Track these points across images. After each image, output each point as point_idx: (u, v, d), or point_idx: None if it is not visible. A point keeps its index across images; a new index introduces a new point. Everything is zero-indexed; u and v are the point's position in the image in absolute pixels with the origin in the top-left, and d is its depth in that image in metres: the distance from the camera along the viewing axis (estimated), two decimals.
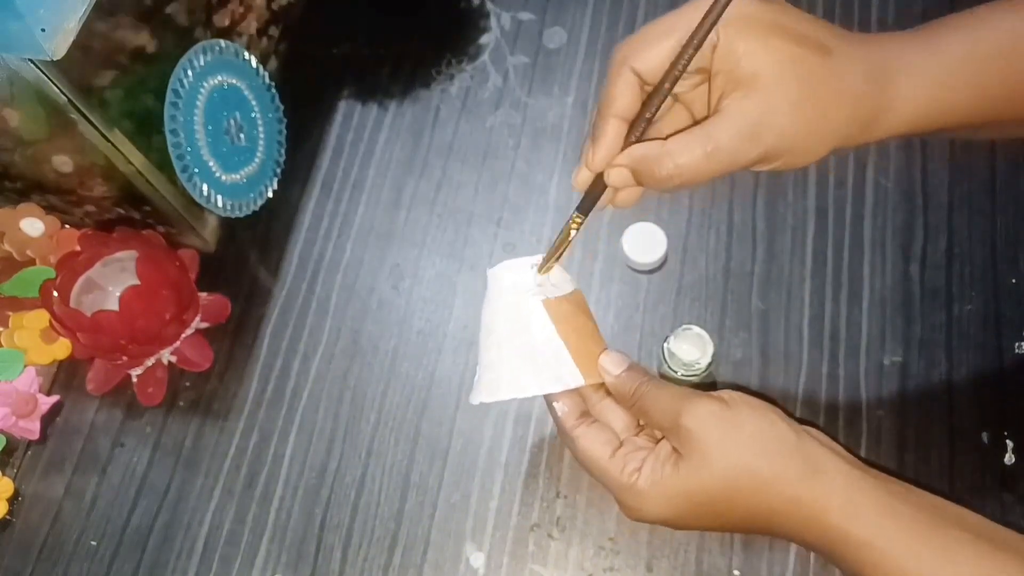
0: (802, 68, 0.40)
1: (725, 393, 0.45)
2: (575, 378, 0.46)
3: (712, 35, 0.40)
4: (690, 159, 0.41)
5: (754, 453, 0.42)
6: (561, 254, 0.47)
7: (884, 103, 0.42)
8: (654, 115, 0.42)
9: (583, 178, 0.45)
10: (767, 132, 0.40)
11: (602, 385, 0.48)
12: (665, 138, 0.42)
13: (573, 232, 0.46)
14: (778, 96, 0.40)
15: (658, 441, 0.46)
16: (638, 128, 0.43)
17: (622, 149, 0.43)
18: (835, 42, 0.42)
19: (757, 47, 0.40)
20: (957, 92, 0.42)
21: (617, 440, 0.47)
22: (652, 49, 0.41)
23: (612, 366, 0.47)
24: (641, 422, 0.48)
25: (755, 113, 0.40)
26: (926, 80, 0.42)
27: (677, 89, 0.42)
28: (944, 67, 0.42)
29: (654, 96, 0.42)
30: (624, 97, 0.42)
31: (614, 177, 0.43)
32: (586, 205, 0.45)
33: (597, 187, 0.44)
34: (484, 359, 0.48)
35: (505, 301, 0.48)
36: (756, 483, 0.42)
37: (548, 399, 0.49)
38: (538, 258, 0.48)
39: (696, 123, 0.43)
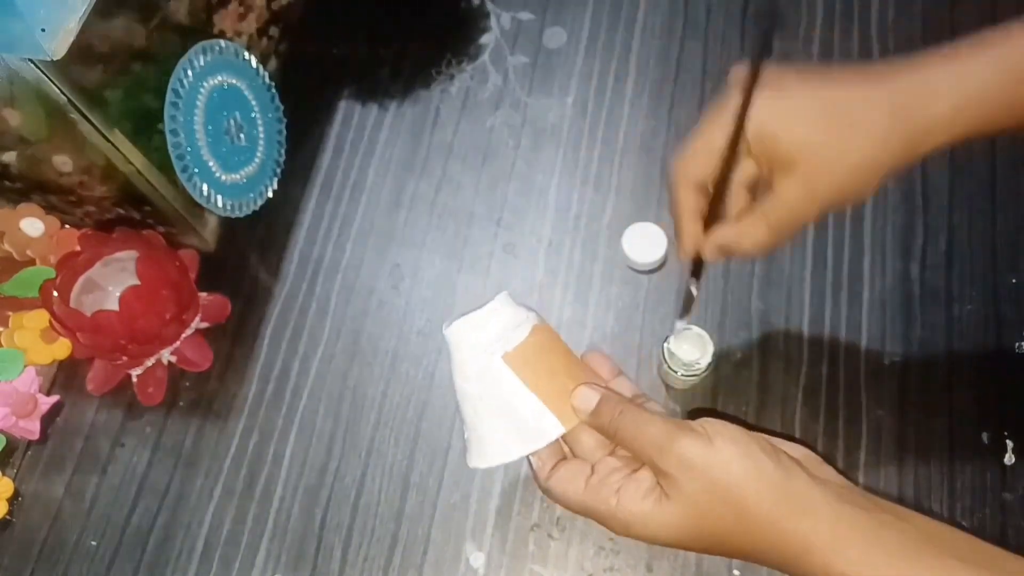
0: (826, 122, 0.46)
1: (708, 426, 0.43)
2: (556, 427, 0.45)
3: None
4: (759, 238, 0.48)
5: (735, 493, 0.42)
6: (693, 307, 0.53)
7: (923, 124, 0.45)
8: (720, 206, 0.49)
9: (685, 255, 0.52)
10: (816, 194, 0.46)
11: None
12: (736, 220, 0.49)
13: (694, 291, 0.53)
14: (815, 160, 0.46)
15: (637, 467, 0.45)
16: (714, 220, 0.49)
17: (705, 231, 0.50)
18: (851, 86, 0.47)
19: (787, 125, 0.46)
20: (981, 108, 0.46)
21: (587, 467, 0.46)
22: (700, 157, 0.48)
23: (583, 404, 0.46)
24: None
25: (801, 185, 0.46)
26: (951, 102, 0.45)
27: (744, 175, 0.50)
28: (965, 89, 0.45)
29: (715, 201, 0.49)
30: (689, 200, 0.50)
31: (710, 255, 0.50)
32: (696, 271, 0.52)
33: (697, 261, 0.52)
34: (467, 421, 0.47)
35: (469, 364, 0.47)
36: (737, 523, 0.42)
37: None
38: (496, 304, 0.47)
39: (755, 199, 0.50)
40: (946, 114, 0.45)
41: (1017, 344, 0.61)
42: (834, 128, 0.46)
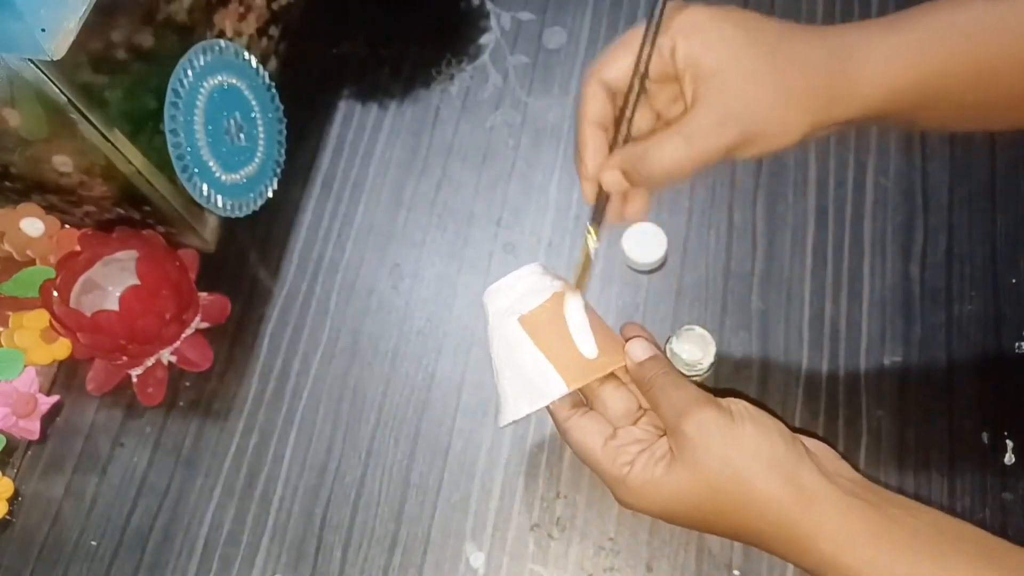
0: (759, 50, 0.43)
1: (734, 404, 0.45)
2: (559, 387, 0.47)
3: (669, 40, 0.43)
4: (671, 150, 0.43)
5: (746, 472, 0.42)
6: (587, 268, 0.49)
7: (849, 78, 0.43)
8: (631, 116, 0.45)
9: (588, 189, 0.47)
10: (737, 113, 0.43)
11: (605, 377, 0.48)
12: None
13: (592, 243, 0.48)
14: (740, 80, 0.43)
15: (660, 435, 0.46)
16: (620, 133, 0.46)
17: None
18: (790, 29, 0.44)
19: (713, 41, 0.43)
20: (924, 69, 0.43)
21: (610, 429, 0.47)
22: (616, 61, 0.45)
23: (634, 353, 0.47)
24: (646, 406, 0.48)
25: (722, 98, 0.43)
26: (888, 55, 0.43)
27: (658, 107, 0.47)
28: (909, 44, 0.43)
29: (627, 96, 0.45)
30: (596, 104, 0.46)
31: (607, 181, 0.46)
32: (596, 215, 0.48)
33: (602, 196, 0.47)
34: (496, 383, 0.50)
35: (493, 327, 0.50)
36: (744, 501, 0.43)
37: None
38: (524, 271, 0.50)
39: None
40: (867, 75, 0.43)
41: (1017, 344, 0.61)
42: (764, 59, 0.43)
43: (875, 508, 0.42)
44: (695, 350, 0.58)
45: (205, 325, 0.66)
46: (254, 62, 0.66)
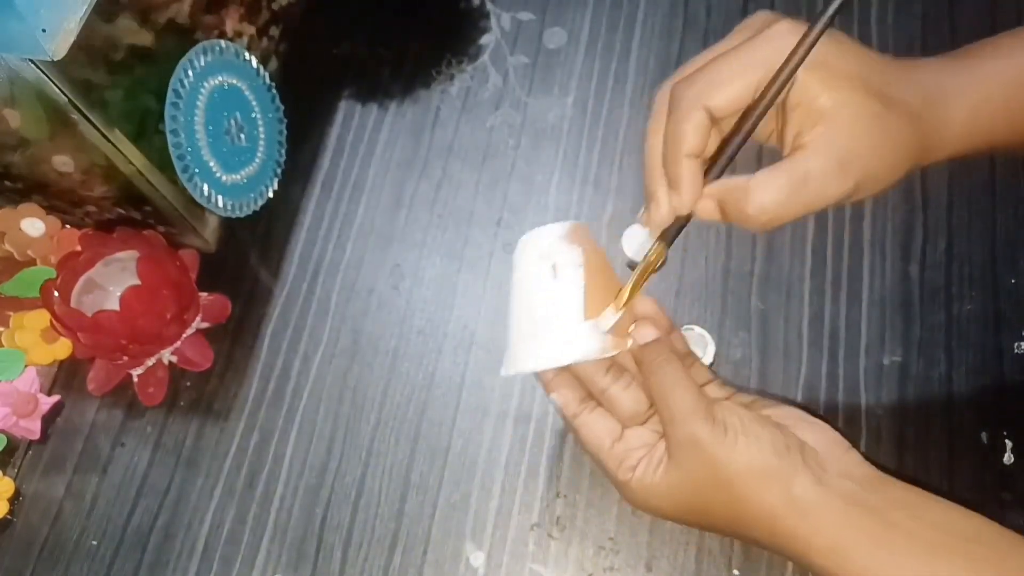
0: (871, 92, 0.40)
1: (729, 415, 0.43)
2: (597, 342, 0.45)
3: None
4: (778, 194, 0.41)
5: (739, 487, 0.42)
6: (641, 284, 0.46)
7: (939, 125, 0.42)
8: (735, 154, 0.42)
9: (664, 215, 0.44)
10: (855, 162, 0.40)
11: (609, 366, 0.47)
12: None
13: (656, 260, 0.45)
14: (857, 124, 0.40)
15: (663, 436, 0.46)
16: (717, 170, 0.42)
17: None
18: (890, 68, 0.42)
19: (834, 79, 0.40)
20: (995, 116, 0.43)
21: (618, 429, 0.47)
22: (728, 87, 0.41)
23: (640, 336, 0.46)
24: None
25: (842, 144, 0.40)
26: (967, 104, 0.43)
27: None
28: (983, 92, 0.43)
29: (736, 135, 0.42)
30: (698, 136, 0.41)
31: (702, 210, 0.43)
32: (671, 235, 0.45)
33: (681, 218, 0.44)
34: (515, 328, 0.47)
35: (530, 265, 0.47)
36: (737, 513, 0.43)
37: (547, 390, 0.48)
38: (563, 226, 0.47)
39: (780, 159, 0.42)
40: (961, 117, 0.43)
41: (1016, 344, 0.61)
42: (877, 102, 0.40)
43: (874, 515, 0.41)
44: (695, 350, 0.58)
45: (206, 325, 0.66)
46: (255, 62, 0.66)
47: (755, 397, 0.48)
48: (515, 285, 0.48)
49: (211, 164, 0.63)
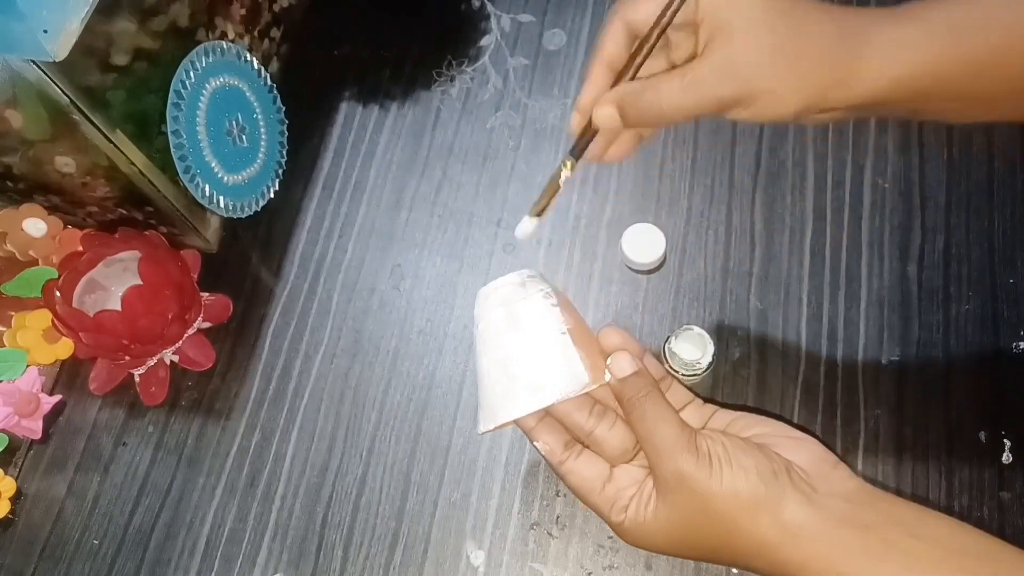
0: (777, 16, 0.43)
1: (713, 445, 0.43)
2: (582, 379, 0.45)
3: None
4: (667, 91, 0.44)
5: (727, 518, 0.42)
6: (552, 198, 0.48)
7: (857, 62, 0.43)
8: (642, 62, 0.45)
9: (576, 121, 0.47)
10: (741, 69, 0.43)
11: (592, 406, 0.46)
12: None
13: (565, 174, 0.47)
14: (752, 38, 0.43)
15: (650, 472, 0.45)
16: (627, 74, 0.45)
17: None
18: (808, 1, 0.44)
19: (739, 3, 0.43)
20: (918, 63, 0.43)
21: (607, 470, 0.46)
22: (644, 4, 0.45)
23: (618, 369, 0.45)
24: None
25: (730, 51, 0.43)
26: (899, 41, 0.43)
27: (675, 57, 0.47)
28: (921, 31, 0.43)
29: (643, 43, 0.45)
30: (613, 45, 0.46)
31: (600, 114, 0.45)
32: (578, 149, 0.47)
33: (588, 131, 0.47)
34: (488, 384, 0.46)
35: (494, 319, 0.46)
36: (729, 543, 0.42)
37: (530, 438, 0.47)
38: (520, 274, 0.47)
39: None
40: (879, 56, 0.43)
41: (1015, 344, 0.61)
42: (779, 24, 0.43)
43: (868, 534, 0.40)
44: (694, 350, 0.58)
45: (207, 325, 0.66)
46: (256, 64, 0.66)
47: (739, 414, 0.47)
48: (479, 338, 0.47)
49: (212, 165, 0.63)
